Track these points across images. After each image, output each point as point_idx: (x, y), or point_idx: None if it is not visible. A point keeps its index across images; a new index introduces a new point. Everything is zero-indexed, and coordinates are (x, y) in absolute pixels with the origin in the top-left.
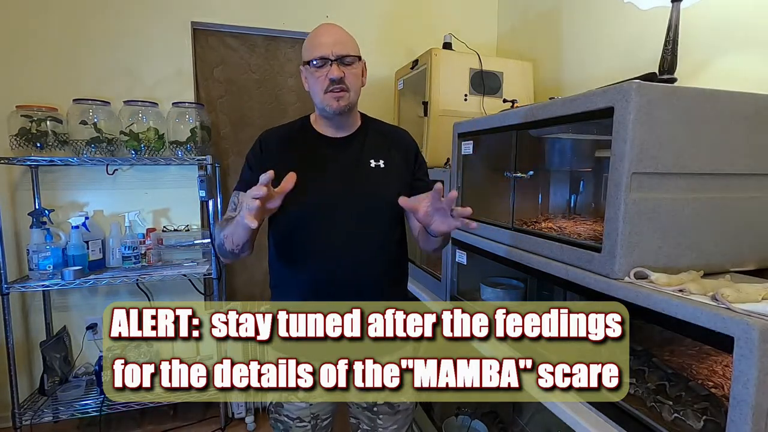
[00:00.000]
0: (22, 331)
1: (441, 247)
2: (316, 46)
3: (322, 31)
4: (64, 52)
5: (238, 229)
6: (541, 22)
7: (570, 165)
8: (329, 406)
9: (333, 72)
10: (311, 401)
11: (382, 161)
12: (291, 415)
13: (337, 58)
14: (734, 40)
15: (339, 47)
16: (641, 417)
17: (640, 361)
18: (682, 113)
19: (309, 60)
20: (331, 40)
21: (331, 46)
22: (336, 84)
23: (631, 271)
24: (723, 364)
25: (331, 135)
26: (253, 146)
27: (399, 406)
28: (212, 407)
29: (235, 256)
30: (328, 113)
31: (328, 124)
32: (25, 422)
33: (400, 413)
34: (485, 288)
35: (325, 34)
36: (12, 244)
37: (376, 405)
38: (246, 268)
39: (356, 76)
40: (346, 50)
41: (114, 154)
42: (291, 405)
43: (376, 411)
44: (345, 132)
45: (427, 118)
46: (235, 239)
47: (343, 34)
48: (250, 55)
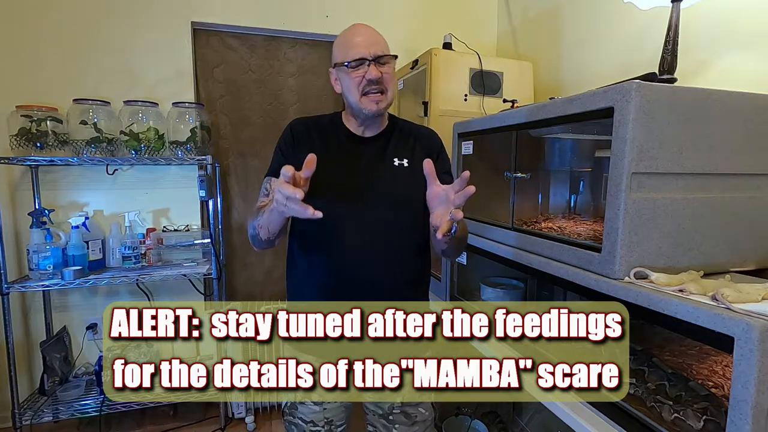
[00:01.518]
0: (22, 331)
1: (449, 250)
2: (352, 46)
3: (357, 31)
4: (64, 52)
5: (273, 216)
6: (541, 22)
7: (570, 165)
8: (343, 412)
9: (371, 73)
10: (322, 400)
11: (406, 160)
12: (305, 418)
13: (375, 58)
14: (734, 40)
15: (375, 47)
16: (641, 417)
17: (640, 361)
18: (682, 113)
19: (345, 61)
20: (367, 40)
21: (367, 47)
22: (374, 85)
23: (631, 271)
24: (723, 364)
25: (359, 134)
26: (283, 134)
27: (416, 416)
28: (212, 407)
29: (271, 244)
30: (365, 115)
31: (359, 124)
32: (25, 422)
33: (417, 424)
34: (485, 288)
35: (360, 34)
36: (12, 244)
37: (392, 413)
38: (246, 268)
39: (392, 76)
40: (383, 50)
41: (114, 154)
42: (305, 407)
43: (391, 420)
44: (374, 131)
45: (427, 118)
46: (271, 228)
47: (377, 34)
48: (250, 55)
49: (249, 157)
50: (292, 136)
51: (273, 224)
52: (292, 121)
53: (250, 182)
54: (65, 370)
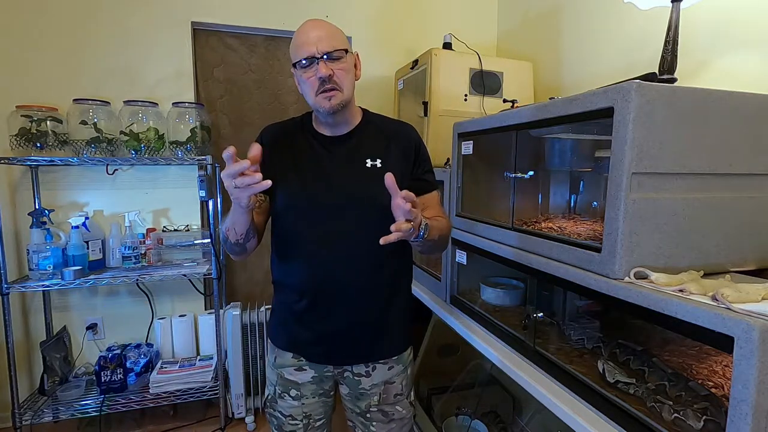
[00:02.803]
0: (22, 331)
1: (425, 252)
2: (301, 45)
3: (305, 28)
4: (64, 52)
5: (236, 215)
6: (541, 22)
7: (570, 165)
8: (321, 406)
9: (320, 70)
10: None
11: (379, 161)
12: (284, 411)
13: (324, 54)
14: (734, 40)
15: (323, 43)
16: (641, 417)
17: (640, 361)
18: (682, 113)
19: (296, 61)
20: (314, 36)
21: (315, 43)
22: (326, 83)
23: (631, 271)
24: (723, 364)
25: (328, 134)
26: (256, 140)
27: (393, 414)
28: (212, 407)
29: (242, 248)
30: (321, 114)
31: (324, 124)
32: (25, 422)
33: (394, 422)
34: (485, 288)
35: (308, 31)
36: (12, 244)
37: (369, 412)
38: (246, 268)
39: (346, 71)
40: (332, 45)
41: (114, 154)
42: (284, 402)
43: (369, 417)
44: (342, 130)
45: (427, 118)
46: (237, 228)
47: (326, 28)
48: (250, 55)
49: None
50: (261, 143)
51: (238, 223)
52: (263, 130)
53: None
54: (65, 370)
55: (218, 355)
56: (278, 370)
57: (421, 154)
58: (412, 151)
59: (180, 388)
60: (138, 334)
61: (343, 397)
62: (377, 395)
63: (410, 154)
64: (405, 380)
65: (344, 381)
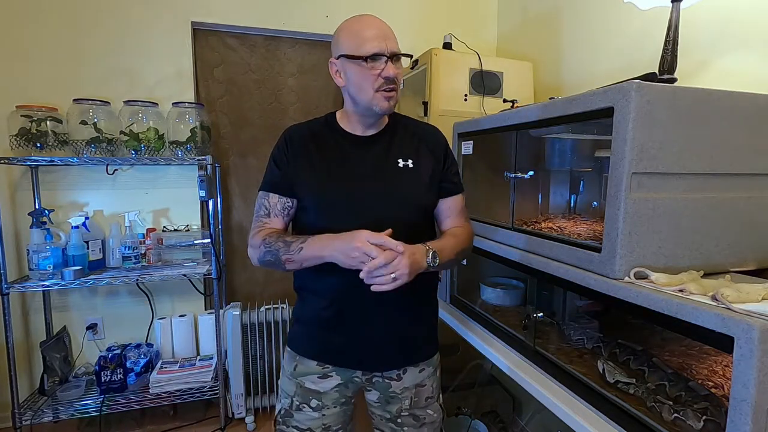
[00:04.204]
0: (22, 331)
1: (447, 267)
2: (368, 39)
3: (371, 23)
4: (64, 52)
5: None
6: (541, 22)
7: (570, 165)
8: (341, 416)
9: (389, 70)
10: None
11: (411, 161)
12: (301, 425)
13: (392, 54)
14: (734, 40)
15: (392, 43)
16: (641, 417)
17: (640, 361)
18: (682, 113)
19: (360, 54)
20: (383, 33)
21: (385, 41)
22: (390, 83)
23: (631, 271)
24: (723, 364)
25: (359, 133)
26: (278, 144)
27: (425, 418)
28: (212, 407)
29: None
30: (374, 113)
31: (359, 122)
32: (25, 422)
33: (425, 426)
34: (485, 288)
35: (374, 26)
36: (12, 244)
37: (400, 416)
38: (246, 268)
39: (401, 74)
40: (398, 47)
41: (114, 154)
42: (301, 414)
43: (400, 423)
44: (374, 130)
45: (427, 118)
46: (305, 264)
47: (390, 28)
48: (250, 55)
49: (249, 157)
50: (287, 146)
51: (312, 262)
52: (287, 130)
53: (250, 182)
54: (65, 370)
55: (218, 355)
56: (298, 380)
57: (450, 156)
58: (442, 153)
59: (180, 388)
60: (138, 334)
61: (371, 404)
62: (408, 399)
63: (440, 156)
64: (435, 383)
65: (373, 386)
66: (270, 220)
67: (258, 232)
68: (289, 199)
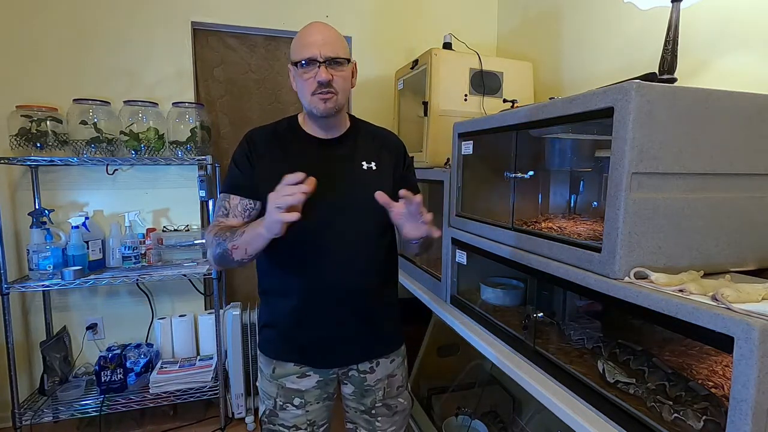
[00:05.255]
0: (22, 331)
1: (421, 252)
2: (305, 46)
3: (311, 30)
4: (64, 52)
5: (257, 240)
6: (541, 22)
7: (570, 165)
8: (325, 411)
9: (321, 75)
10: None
11: (374, 163)
12: (286, 423)
13: (326, 60)
14: (734, 40)
15: (327, 48)
16: (641, 417)
17: (640, 361)
18: (682, 113)
19: (297, 60)
20: (320, 40)
21: (319, 47)
22: (323, 87)
23: (631, 271)
24: (723, 364)
25: (321, 136)
26: (239, 145)
27: (396, 407)
28: (212, 407)
29: (241, 265)
30: (314, 115)
31: (316, 125)
32: (25, 422)
33: (398, 414)
34: (485, 288)
35: (314, 33)
36: (12, 244)
37: (374, 408)
38: (246, 268)
39: (344, 78)
40: (336, 52)
41: (114, 154)
42: (286, 413)
43: (374, 414)
44: (334, 133)
45: (427, 118)
46: (250, 249)
47: (332, 34)
48: (250, 55)
49: None
50: (249, 149)
51: (255, 246)
52: (248, 132)
53: None
54: (65, 370)
55: (218, 355)
56: (278, 381)
57: (408, 159)
58: (401, 156)
59: (180, 388)
60: (138, 334)
61: (345, 398)
62: (382, 390)
63: (399, 158)
64: (404, 371)
65: (349, 380)
66: (227, 220)
67: (210, 231)
68: (252, 201)
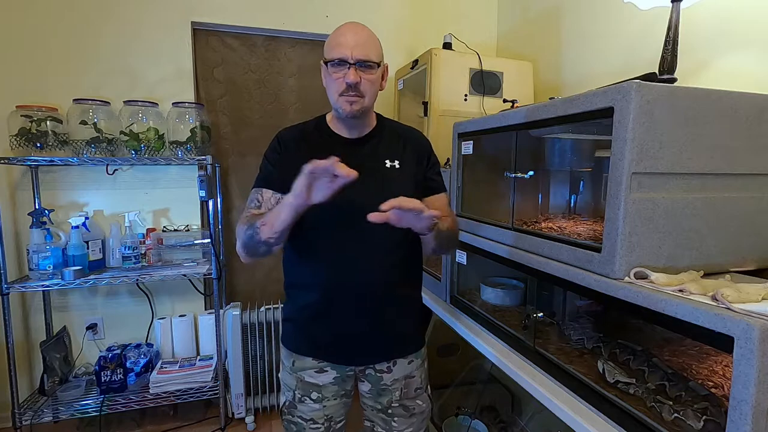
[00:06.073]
0: (22, 331)
1: (443, 246)
2: (337, 45)
3: (345, 30)
4: (64, 52)
5: (284, 212)
6: (541, 22)
7: (570, 165)
8: (342, 407)
9: (349, 76)
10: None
11: (397, 161)
12: (304, 416)
13: (357, 61)
14: (734, 40)
15: (359, 50)
16: (641, 417)
17: (640, 361)
18: (682, 113)
19: (328, 59)
20: (352, 41)
21: (351, 48)
22: (351, 89)
23: (631, 271)
24: (723, 364)
25: (347, 135)
26: (271, 144)
27: (414, 409)
28: (212, 407)
29: (269, 249)
30: (341, 115)
31: (342, 125)
32: (25, 422)
33: (415, 416)
34: (485, 288)
35: (347, 33)
36: (12, 244)
37: (391, 407)
38: (246, 268)
39: (372, 82)
40: (367, 54)
41: (114, 154)
42: (304, 406)
43: (390, 413)
44: (360, 132)
45: (427, 118)
46: (277, 225)
47: (366, 36)
48: (250, 55)
49: (249, 157)
50: (280, 145)
51: (282, 220)
52: (280, 132)
53: (250, 182)
54: (65, 370)
55: (218, 355)
56: (297, 374)
57: (433, 158)
58: (425, 155)
59: (180, 388)
60: (138, 334)
61: (363, 395)
62: (399, 390)
63: (423, 158)
64: (423, 374)
65: (366, 378)
66: (259, 212)
67: (241, 220)
68: (283, 195)
